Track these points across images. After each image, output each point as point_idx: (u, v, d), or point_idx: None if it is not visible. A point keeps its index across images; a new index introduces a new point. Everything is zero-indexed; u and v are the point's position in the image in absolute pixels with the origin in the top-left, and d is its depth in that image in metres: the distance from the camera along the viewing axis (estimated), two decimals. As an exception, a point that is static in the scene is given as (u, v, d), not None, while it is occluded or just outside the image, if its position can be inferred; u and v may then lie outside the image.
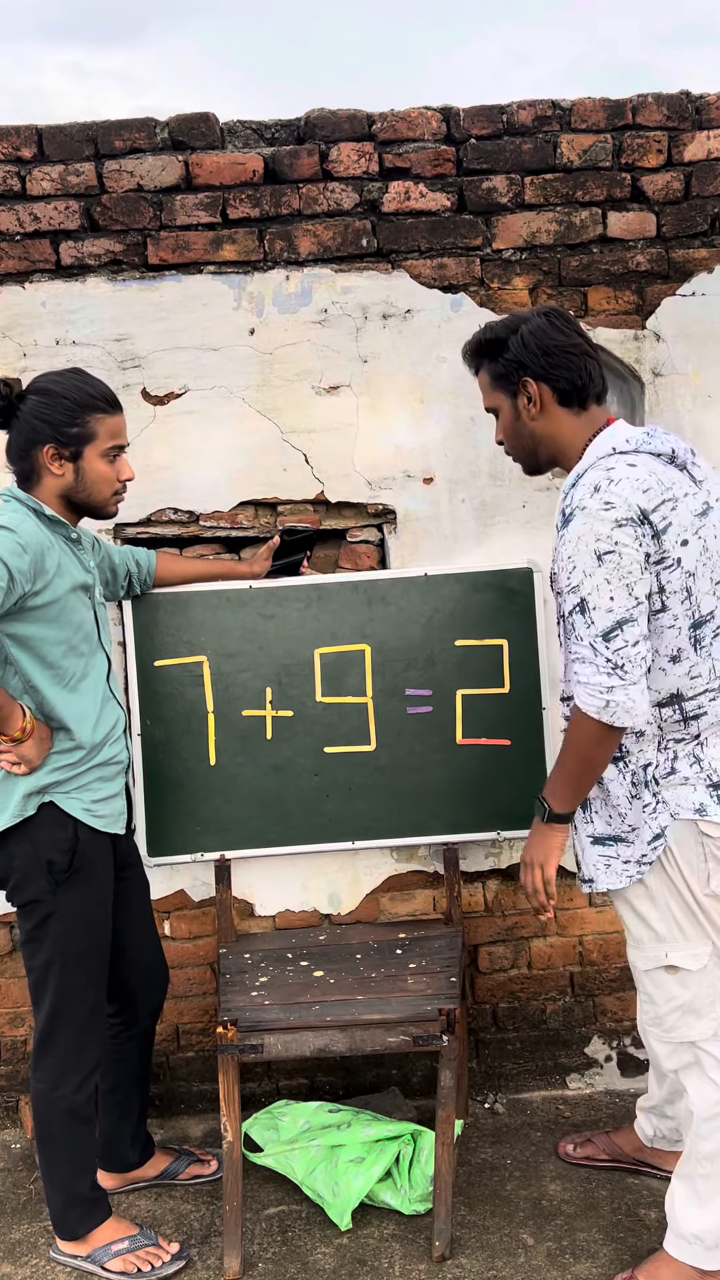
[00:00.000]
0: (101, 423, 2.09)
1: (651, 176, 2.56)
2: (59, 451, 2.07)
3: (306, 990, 2.32)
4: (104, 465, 2.10)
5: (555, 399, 1.93)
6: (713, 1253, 1.96)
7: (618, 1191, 2.34)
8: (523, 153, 2.53)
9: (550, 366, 1.91)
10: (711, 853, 1.89)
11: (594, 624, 1.76)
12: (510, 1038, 2.78)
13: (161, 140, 2.51)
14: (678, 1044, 1.98)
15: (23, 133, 2.49)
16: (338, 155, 2.51)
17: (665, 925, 1.93)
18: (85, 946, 2.14)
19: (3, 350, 2.53)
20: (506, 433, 2.03)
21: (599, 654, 1.76)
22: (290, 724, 2.61)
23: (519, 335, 1.93)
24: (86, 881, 2.12)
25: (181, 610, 2.58)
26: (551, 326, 1.93)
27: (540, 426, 1.96)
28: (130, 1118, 2.42)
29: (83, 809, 2.11)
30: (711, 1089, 1.95)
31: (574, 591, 1.79)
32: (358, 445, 2.60)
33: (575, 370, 1.91)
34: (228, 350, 2.56)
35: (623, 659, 1.75)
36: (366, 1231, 2.28)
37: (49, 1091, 2.15)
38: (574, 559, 1.79)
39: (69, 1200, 2.20)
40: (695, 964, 1.92)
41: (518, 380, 1.94)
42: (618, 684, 1.75)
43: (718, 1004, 1.94)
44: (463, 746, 2.62)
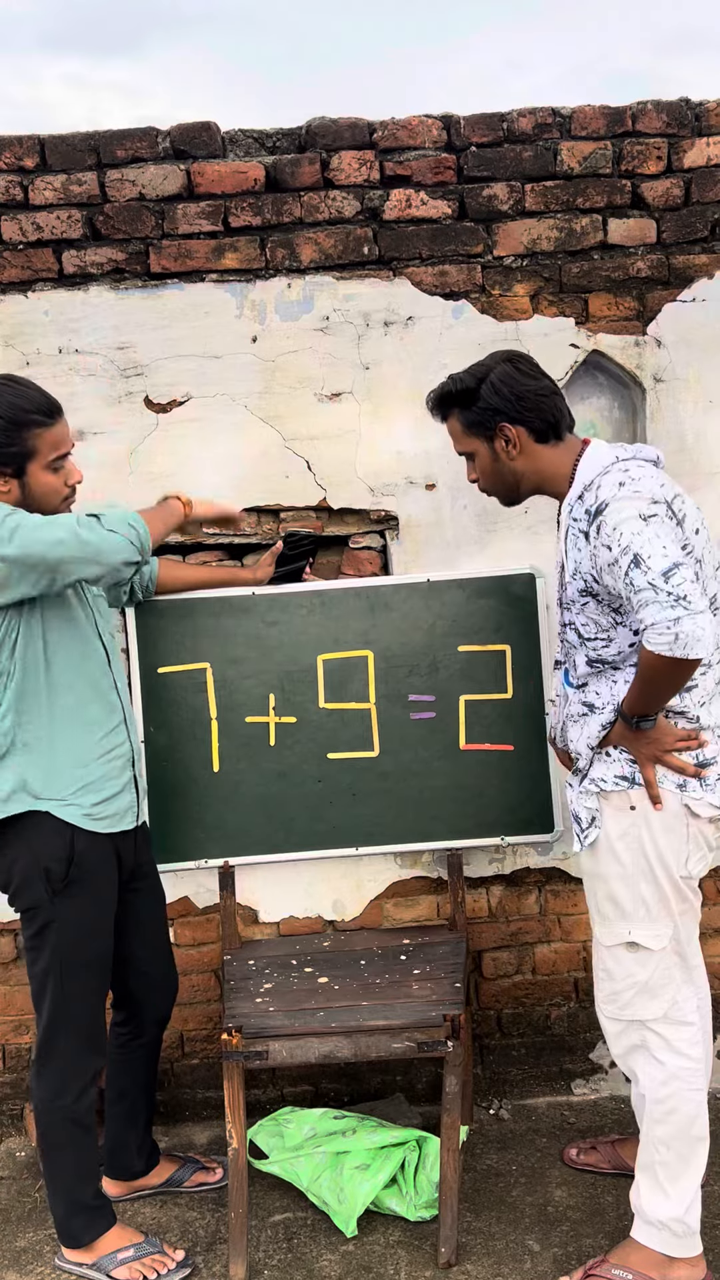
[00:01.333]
0: (40, 437, 2.01)
1: (652, 183, 2.57)
2: (1, 470, 2.02)
3: (311, 996, 2.32)
4: (49, 476, 2.05)
5: (533, 438, 2.05)
6: (681, 1240, 2.01)
7: (623, 1198, 2.34)
8: (523, 160, 2.54)
9: (524, 410, 2.03)
10: (693, 834, 1.98)
11: (651, 569, 1.80)
12: (515, 1043, 2.78)
13: (163, 149, 2.52)
14: (629, 1022, 2.05)
15: (25, 143, 2.50)
16: (339, 163, 2.52)
17: (633, 904, 2.01)
18: (85, 956, 2.13)
19: (5, 359, 2.54)
20: (485, 473, 2.14)
21: (659, 590, 1.79)
22: (293, 730, 2.61)
23: (489, 383, 2.04)
24: (85, 890, 2.12)
25: (185, 617, 2.59)
26: (519, 372, 2.06)
27: (521, 465, 2.08)
28: (136, 1126, 2.41)
29: (82, 814, 2.10)
30: (658, 1069, 2.02)
31: (625, 552, 1.84)
32: (360, 452, 2.60)
33: (548, 410, 2.04)
34: (230, 358, 2.57)
35: (683, 591, 1.78)
36: (372, 1238, 2.27)
37: (50, 1099, 2.15)
38: (619, 528, 1.85)
39: (72, 1208, 2.20)
40: (656, 944, 2.01)
41: (494, 425, 2.06)
42: (683, 614, 1.77)
43: (670, 986, 2.02)
44: (466, 752, 2.63)
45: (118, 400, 2.56)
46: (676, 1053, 2.02)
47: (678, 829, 1.98)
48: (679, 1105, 2.00)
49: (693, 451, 2.62)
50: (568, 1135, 2.61)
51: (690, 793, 1.97)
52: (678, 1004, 2.03)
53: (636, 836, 1.99)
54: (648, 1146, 2.04)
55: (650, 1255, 2.02)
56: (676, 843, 1.98)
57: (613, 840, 2.02)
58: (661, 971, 2.01)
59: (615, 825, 2.01)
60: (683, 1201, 2.01)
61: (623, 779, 2.01)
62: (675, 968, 2.03)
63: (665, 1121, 2.01)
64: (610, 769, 2.03)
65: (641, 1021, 2.03)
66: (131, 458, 2.56)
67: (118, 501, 2.02)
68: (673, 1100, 2.01)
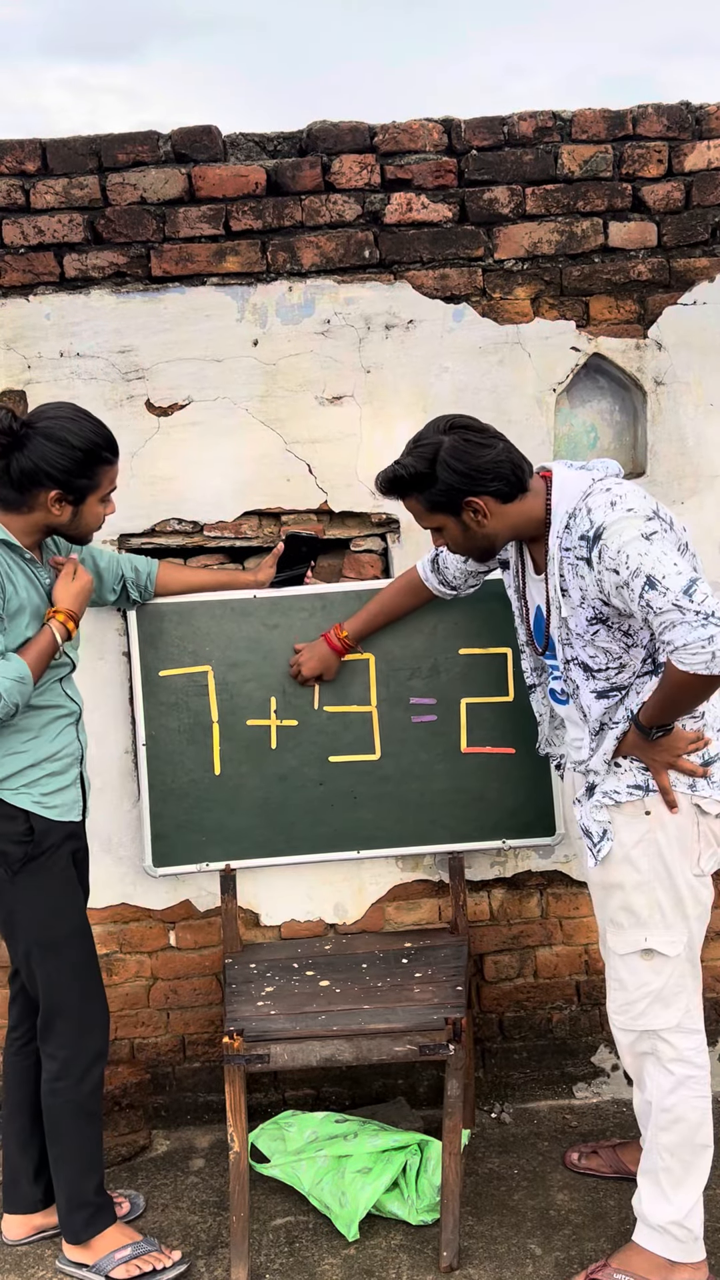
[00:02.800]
0: (106, 473, 2.14)
1: (652, 186, 2.57)
2: (63, 497, 2.09)
3: (313, 1000, 2.32)
4: (99, 508, 2.17)
5: (499, 502, 1.99)
6: (683, 1245, 2.02)
7: (625, 1202, 2.33)
8: (524, 163, 2.55)
9: (486, 480, 1.96)
10: (704, 832, 2.00)
11: (670, 589, 1.79)
12: (516, 1047, 2.78)
13: (164, 153, 2.52)
14: (641, 1032, 2.05)
15: (26, 146, 2.50)
16: (340, 167, 2.53)
17: (649, 910, 2.01)
18: (59, 933, 2.16)
19: (7, 363, 2.54)
20: (456, 543, 2.08)
21: (685, 610, 1.77)
22: (295, 733, 2.61)
23: (441, 462, 1.96)
24: (45, 869, 2.14)
25: (186, 620, 2.59)
26: (469, 444, 1.96)
27: (492, 526, 2.02)
28: (30, 1152, 2.31)
29: (33, 801, 2.13)
30: (667, 1078, 2.02)
31: (636, 574, 1.82)
32: (361, 455, 2.60)
33: (507, 472, 1.96)
34: (231, 361, 2.57)
35: (710, 607, 1.77)
36: (374, 1242, 2.27)
37: (51, 1082, 2.17)
38: (624, 550, 1.84)
39: (73, 1202, 2.20)
40: (672, 950, 2.01)
41: (459, 502, 1.99)
42: (715, 632, 1.76)
43: (683, 995, 2.02)
44: (467, 755, 2.62)
45: (119, 404, 2.56)
46: (685, 1061, 2.02)
47: (689, 828, 2.00)
48: (685, 1113, 2.00)
49: (693, 455, 2.62)
50: (569, 1139, 2.60)
51: (699, 791, 1.98)
52: (690, 1012, 2.03)
53: (653, 841, 2.00)
54: (652, 1152, 2.04)
55: (652, 1259, 2.02)
56: (689, 842, 2.00)
57: (628, 849, 2.02)
58: (675, 979, 2.01)
59: (630, 834, 2.02)
60: (685, 1206, 2.01)
61: (636, 788, 2.01)
62: (688, 975, 2.03)
63: (670, 1129, 2.01)
64: (622, 780, 2.03)
65: (654, 1031, 2.03)
66: (133, 461, 2.56)
67: (11, 655, 2.04)
68: (680, 1108, 2.01)
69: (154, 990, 2.74)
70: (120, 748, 2.65)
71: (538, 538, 2.04)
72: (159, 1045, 2.74)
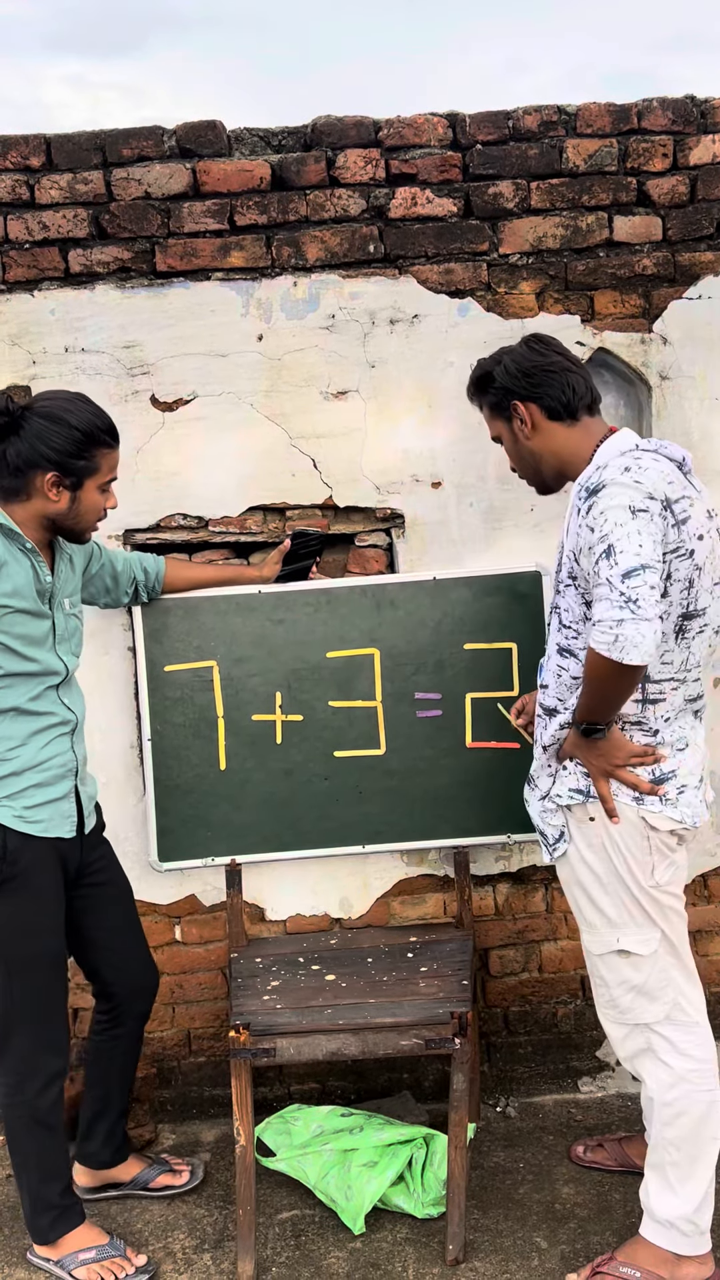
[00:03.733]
0: (105, 457, 2.11)
1: (657, 180, 2.56)
2: (60, 480, 2.06)
3: (318, 994, 2.33)
4: (98, 496, 2.13)
5: (544, 415, 2.04)
6: (689, 1239, 2.01)
7: (631, 1195, 2.34)
8: (529, 158, 2.54)
9: (532, 386, 2.03)
10: (655, 846, 1.97)
11: (617, 564, 1.78)
12: (521, 1041, 2.78)
13: (169, 148, 2.52)
14: (632, 1026, 2.04)
15: (31, 142, 2.50)
16: (345, 162, 2.53)
17: (617, 911, 2.00)
18: (29, 953, 2.12)
19: (12, 358, 2.54)
20: (512, 456, 2.15)
21: (614, 589, 1.77)
22: (300, 728, 2.61)
23: (502, 365, 2.07)
24: (23, 889, 2.11)
25: (191, 615, 2.59)
26: (529, 350, 2.07)
27: (537, 444, 2.07)
28: (106, 1116, 2.41)
29: (14, 815, 2.09)
30: (665, 1072, 2.01)
31: (603, 540, 1.81)
32: (366, 450, 2.61)
33: (558, 386, 2.02)
34: (236, 356, 2.57)
35: (637, 595, 1.76)
36: (380, 1235, 2.27)
37: (10, 1096, 2.16)
38: (606, 513, 1.83)
39: (37, 1206, 2.21)
40: (646, 949, 1.99)
41: (508, 405, 2.06)
42: (628, 617, 1.75)
43: (669, 988, 2.00)
44: (472, 750, 2.63)
45: (124, 399, 2.56)
46: (683, 1055, 2.01)
47: (638, 840, 1.96)
48: (688, 1107, 1.99)
49: (699, 449, 2.62)
50: (575, 1133, 2.61)
51: (646, 806, 1.95)
52: (680, 1006, 2.01)
53: (602, 845, 1.99)
54: (658, 1147, 2.04)
55: (658, 1253, 2.02)
56: (639, 854, 1.96)
57: (582, 850, 2.01)
58: (657, 974, 2.00)
59: (581, 837, 2.01)
60: (692, 1201, 2.00)
61: (577, 792, 1.99)
62: (674, 969, 2.01)
63: (674, 1124, 2.00)
64: (565, 783, 2.02)
65: (646, 1025, 2.02)
66: (138, 457, 2.56)
67: None
68: (681, 1103, 2.00)
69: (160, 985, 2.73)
70: (125, 743, 2.65)
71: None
72: (165, 1040, 2.75)
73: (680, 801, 1.96)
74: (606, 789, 1.96)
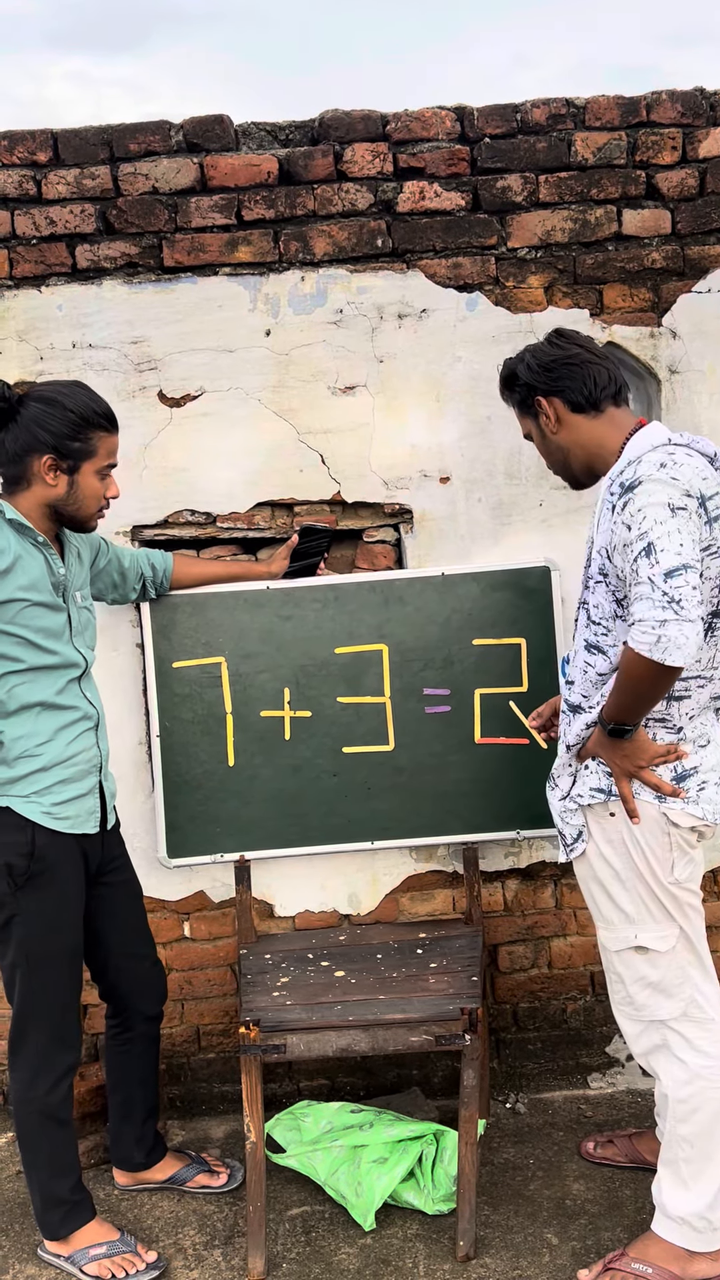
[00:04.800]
0: (102, 440, 2.11)
1: (666, 173, 2.55)
2: (57, 463, 2.07)
3: (328, 990, 2.32)
4: (97, 482, 2.12)
5: (568, 408, 2.03)
6: (702, 1235, 2.00)
7: (642, 1191, 2.33)
8: (537, 151, 2.53)
9: (554, 380, 2.02)
10: (676, 842, 1.95)
11: (658, 563, 1.75)
12: (531, 1037, 2.78)
13: (176, 143, 2.52)
14: (648, 1023, 2.03)
15: (38, 137, 2.50)
16: (352, 156, 2.52)
17: (635, 907, 1.99)
18: (50, 950, 2.14)
19: (20, 354, 2.54)
20: (542, 453, 2.14)
21: (656, 588, 1.74)
22: (308, 724, 2.61)
23: (524, 362, 2.06)
24: (48, 885, 2.12)
25: (199, 612, 2.59)
26: (549, 344, 2.06)
27: (563, 438, 2.05)
28: (133, 1120, 2.41)
29: (42, 812, 2.10)
30: (680, 1069, 2.00)
31: (642, 538, 1.78)
32: (374, 445, 2.60)
33: (579, 378, 2.01)
34: (243, 352, 2.57)
35: (680, 595, 1.74)
36: (390, 1232, 2.27)
37: (23, 1092, 2.17)
38: (644, 511, 1.80)
39: (48, 1201, 2.21)
40: (663, 945, 1.98)
41: (533, 402, 2.06)
42: (671, 618, 1.73)
43: (686, 985, 1.99)
44: (481, 746, 2.62)
45: (131, 395, 2.55)
46: (698, 1051, 2.00)
47: (659, 836, 1.95)
48: (702, 1104, 1.98)
49: (708, 443, 2.61)
50: (585, 1129, 2.60)
51: (668, 803, 1.93)
52: (697, 1002, 1.99)
53: (622, 841, 1.98)
54: (671, 1143, 2.03)
55: (670, 1249, 2.02)
56: (660, 850, 1.95)
57: (601, 846, 2.00)
58: (674, 970, 1.99)
59: (600, 832, 2.00)
60: (705, 1197, 1.99)
61: (599, 791, 1.98)
62: (691, 965, 2.00)
63: (688, 1120, 2.00)
64: (586, 782, 2.00)
65: (661, 1021, 2.01)
66: (145, 452, 2.56)
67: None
68: (696, 1099, 1.99)
69: (169, 981, 2.73)
70: (134, 739, 2.65)
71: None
72: (174, 1036, 2.75)
73: (701, 798, 1.94)
74: (629, 789, 1.95)
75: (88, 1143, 2.55)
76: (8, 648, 2.06)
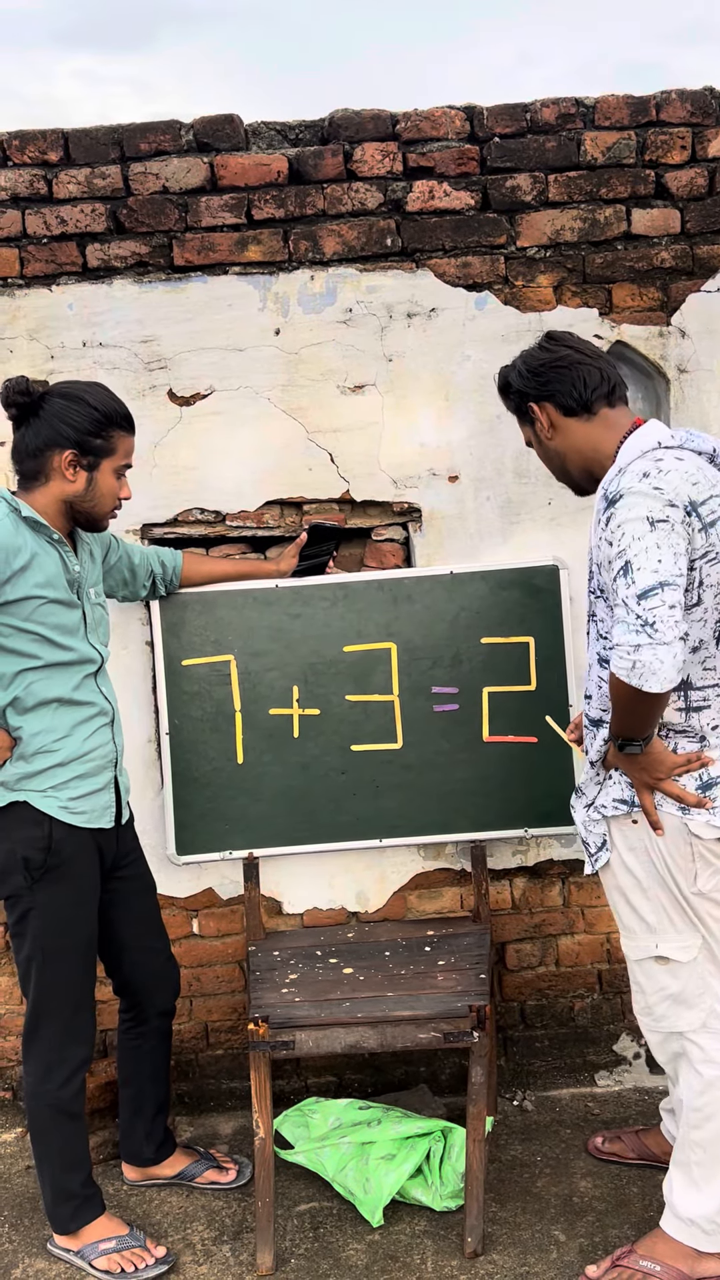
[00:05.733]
0: (122, 440, 2.14)
1: (676, 173, 2.56)
2: (78, 459, 2.09)
3: (336, 987, 2.33)
4: (114, 480, 2.15)
5: (560, 413, 1.98)
6: (710, 1237, 2.00)
7: (649, 1189, 2.34)
8: (546, 150, 2.54)
9: (543, 385, 1.98)
10: (699, 853, 1.92)
11: (634, 583, 1.72)
12: (538, 1035, 2.78)
13: (186, 142, 2.52)
14: (667, 1034, 2.03)
15: (49, 137, 2.51)
16: (362, 155, 2.52)
17: (656, 916, 1.97)
18: (66, 943, 2.15)
19: (30, 352, 2.55)
20: (543, 460, 2.09)
21: (630, 611, 1.72)
22: (317, 722, 2.62)
23: (515, 369, 2.02)
24: (65, 879, 2.14)
25: (208, 609, 2.59)
26: (539, 349, 2.01)
27: (559, 443, 2.01)
28: (143, 1114, 2.43)
29: (59, 806, 2.12)
30: (697, 1078, 1.99)
31: (620, 555, 1.76)
32: (383, 444, 2.60)
33: (568, 381, 1.96)
34: (253, 351, 2.57)
35: (654, 617, 1.70)
36: (398, 1228, 2.28)
37: (36, 1085, 2.18)
38: (623, 527, 1.76)
39: (58, 1195, 2.23)
40: (685, 955, 1.96)
41: (527, 408, 2.02)
42: (645, 642, 1.70)
43: (706, 996, 1.97)
44: (489, 744, 2.63)
45: (141, 394, 2.56)
46: (714, 1063, 1.97)
47: (681, 847, 1.92)
48: (716, 1112, 1.97)
49: (717, 442, 2.61)
50: (592, 1127, 2.61)
51: (691, 814, 1.90)
52: (717, 1013, 1.97)
53: (644, 849, 1.96)
54: (684, 1146, 2.02)
55: (678, 1248, 2.02)
56: (682, 861, 1.92)
57: (623, 854, 1.99)
58: (695, 982, 1.97)
59: (622, 840, 1.99)
60: (715, 1200, 1.98)
61: (621, 802, 1.96)
62: (712, 976, 1.97)
63: (702, 1127, 1.98)
64: (609, 793, 1.99)
65: (680, 1033, 2.00)
66: (155, 451, 2.57)
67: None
68: (710, 1108, 1.97)
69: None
70: (144, 736, 2.66)
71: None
72: (182, 1032, 2.76)
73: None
74: (650, 801, 1.92)
75: (97, 1138, 2.56)
76: (25, 644, 2.07)
